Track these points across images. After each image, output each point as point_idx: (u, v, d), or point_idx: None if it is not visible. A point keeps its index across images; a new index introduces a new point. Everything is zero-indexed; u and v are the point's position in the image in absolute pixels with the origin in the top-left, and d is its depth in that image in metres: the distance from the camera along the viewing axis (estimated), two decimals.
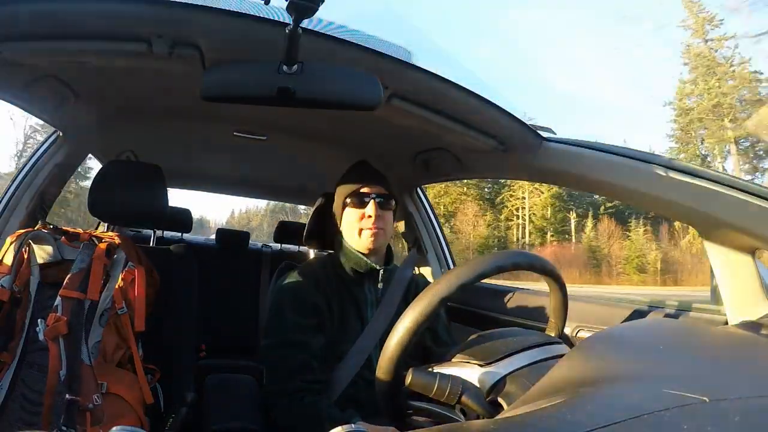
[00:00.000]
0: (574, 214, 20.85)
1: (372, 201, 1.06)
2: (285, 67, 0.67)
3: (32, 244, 0.92)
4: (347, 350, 1.02)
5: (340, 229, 1.12)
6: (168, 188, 1.16)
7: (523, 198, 21.00)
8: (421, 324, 0.58)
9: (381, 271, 1.10)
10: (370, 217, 1.05)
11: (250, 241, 2.52)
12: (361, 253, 1.07)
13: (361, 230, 1.06)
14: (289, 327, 0.99)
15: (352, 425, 0.43)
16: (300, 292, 1.03)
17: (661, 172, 0.84)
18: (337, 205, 1.12)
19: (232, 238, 2.48)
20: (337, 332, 1.04)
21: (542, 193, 20.58)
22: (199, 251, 1.91)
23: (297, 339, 0.98)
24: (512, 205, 21.16)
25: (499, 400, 0.55)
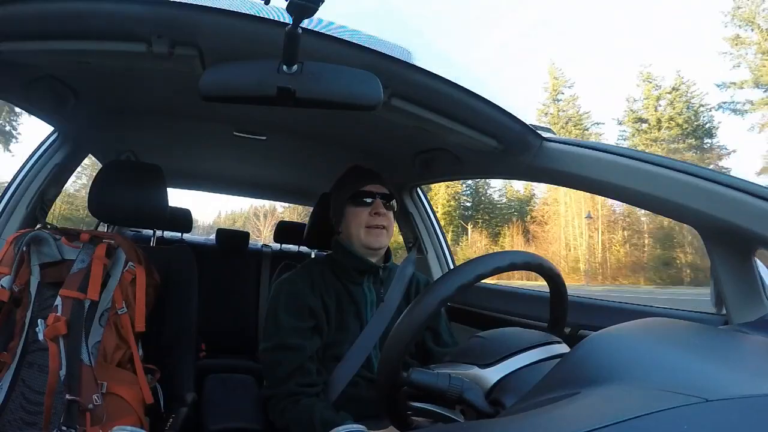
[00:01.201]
0: (471, 226, 24.95)
1: (376, 199, 1.06)
2: (285, 67, 0.67)
3: (32, 244, 0.92)
4: (346, 351, 1.02)
5: (341, 229, 1.12)
6: (168, 188, 1.16)
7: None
8: (421, 324, 0.58)
9: (381, 270, 1.10)
10: (377, 214, 1.05)
11: (249, 241, 2.52)
12: (363, 252, 1.07)
13: (365, 229, 1.06)
14: (284, 330, 0.99)
15: (352, 426, 0.43)
16: (295, 294, 1.03)
17: (661, 172, 0.84)
18: (336, 206, 1.12)
19: (232, 238, 2.48)
20: (335, 333, 1.04)
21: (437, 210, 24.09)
22: (199, 251, 1.91)
23: (292, 342, 0.98)
24: None
25: (499, 399, 0.55)
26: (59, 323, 0.84)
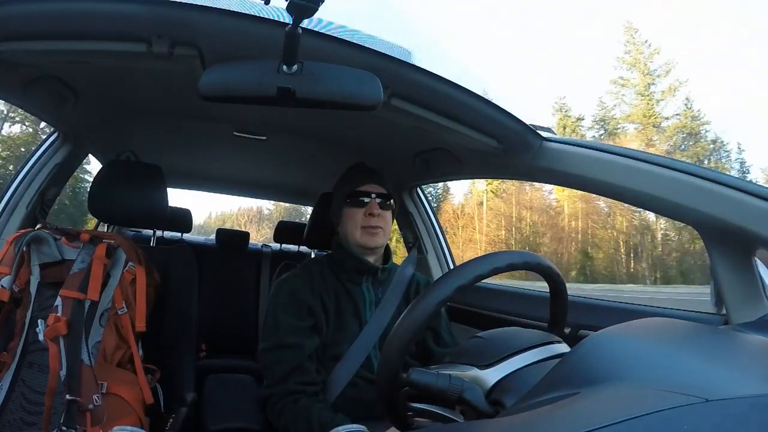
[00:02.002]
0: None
1: (372, 200, 1.06)
2: (285, 67, 0.67)
3: (32, 244, 0.92)
4: (345, 351, 1.02)
5: (339, 228, 1.12)
6: (168, 188, 1.16)
7: None
8: (420, 324, 0.58)
9: (380, 270, 1.10)
10: (371, 215, 1.05)
11: (250, 241, 2.52)
12: (360, 252, 1.07)
13: (361, 229, 1.06)
14: (283, 329, 0.99)
15: (352, 426, 0.43)
16: (295, 293, 1.03)
17: (661, 172, 0.84)
18: (336, 205, 1.12)
19: (232, 238, 2.48)
20: (334, 333, 1.04)
21: None
22: (199, 251, 1.91)
23: (291, 341, 0.98)
24: None
25: (499, 400, 0.55)
26: (59, 323, 0.84)
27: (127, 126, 1.44)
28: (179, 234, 2.46)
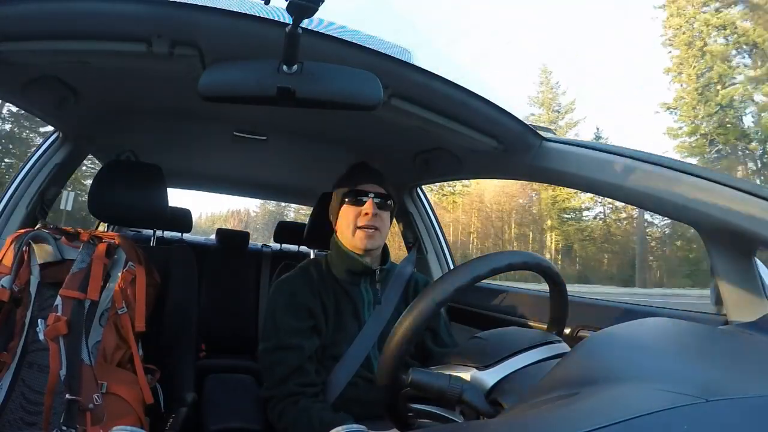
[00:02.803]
0: None
1: (369, 200, 1.06)
2: (285, 67, 0.67)
3: (32, 244, 0.92)
4: (344, 351, 1.02)
5: (336, 227, 1.12)
6: (168, 188, 1.16)
7: None
8: (419, 326, 0.58)
9: (378, 271, 1.09)
10: (366, 215, 1.04)
11: (250, 241, 2.52)
12: (355, 253, 1.07)
13: (355, 229, 1.05)
14: (282, 330, 0.99)
15: (352, 426, 0.43)
16: (294, 294, 1.03)
17: (661, 172, 0.84)
18: (334, 204, 1.12)
19: (232, 238, 2.48)
20: (333, 333, 1.03)
21: None
22: (199, 251, 1.91)
23: (291, 342, 0.98)
24: None
25: (499, 400, 0.55)
26: (60, 323, 0.84)
27: (127, 126, 1.44)
28: (179, 234, 2.46)
